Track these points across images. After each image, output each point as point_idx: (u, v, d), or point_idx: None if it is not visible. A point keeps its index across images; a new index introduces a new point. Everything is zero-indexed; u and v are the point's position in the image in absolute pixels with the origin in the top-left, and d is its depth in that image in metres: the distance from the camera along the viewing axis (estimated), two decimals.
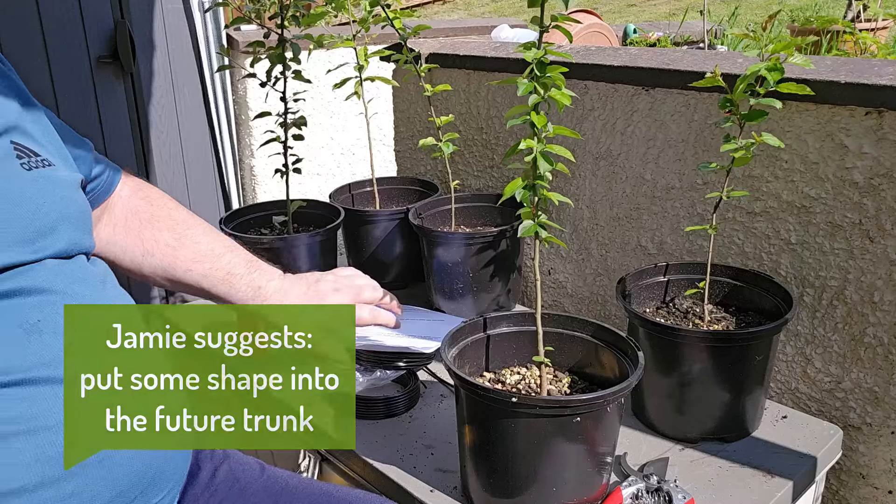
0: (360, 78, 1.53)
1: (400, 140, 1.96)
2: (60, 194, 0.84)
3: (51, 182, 0.83)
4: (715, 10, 6.76)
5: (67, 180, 0.88)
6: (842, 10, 4.57)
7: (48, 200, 0.81)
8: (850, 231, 1.15)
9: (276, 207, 1.65)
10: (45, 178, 0.82)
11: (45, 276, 0.79)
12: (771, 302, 1.16)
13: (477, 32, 2.82)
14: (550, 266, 1.63)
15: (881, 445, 1.18)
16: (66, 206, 0.85)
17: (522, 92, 0.87)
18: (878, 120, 1.08)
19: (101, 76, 2.31)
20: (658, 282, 1.24)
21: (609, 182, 1.46)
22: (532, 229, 0.93)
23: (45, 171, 0.83)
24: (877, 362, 1.16)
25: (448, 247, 1.46)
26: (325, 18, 1.47)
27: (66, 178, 0.87)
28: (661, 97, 1.34)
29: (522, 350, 1.08)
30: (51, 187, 0.83)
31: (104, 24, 2.29)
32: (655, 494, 0.99)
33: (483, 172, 1.75)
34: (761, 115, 1.01)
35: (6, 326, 0.74)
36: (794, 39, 1.03)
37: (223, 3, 1.54)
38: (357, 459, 1.12)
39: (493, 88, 1.64)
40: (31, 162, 0.82)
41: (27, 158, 0.82)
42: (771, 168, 1.22)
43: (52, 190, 0.83)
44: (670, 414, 1.13)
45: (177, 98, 2.51)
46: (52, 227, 0.81)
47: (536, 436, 0.91)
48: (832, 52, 3.25)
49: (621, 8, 9.61)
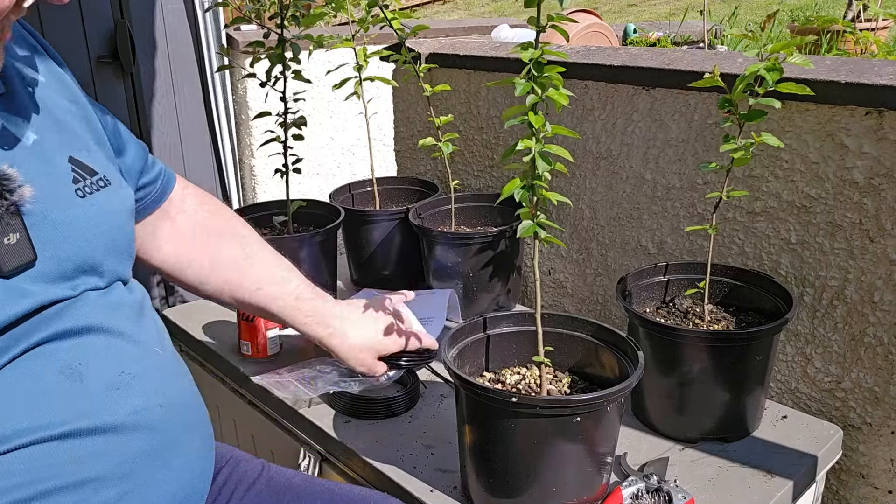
0: (360, 78, 1.53)
1: (400, 140, 1.96)
2: (111, 223, 0.81)
3: (103, 211, 0.79)
4: (715, 10, 6.76)
5: (121, 205, 0.84)
6: (842, 10, 4.57)
7: (98, 233, 0.78)
8: (850, 231, 1.15)
9: (276, 207, 1.65)
10: (99, 207, 0.78)
11: (85, 313, 0.75)
12: (771, 302, 1.16)
13: (477, 32, 2.82)
14: (550, 266, 1.63)
15: (881, 445, 1.18)
16: (115, 238, 0.81)
17: (520, 92, 0.87)
18: (878, 120, 1.08)
19: (101, 76, 2.31)
20: (658, 282, 1.24)
21: (609, 182, 1.46)
22: (531, 229, 0.93)
23: (101, 194, 0.79)
24: (877, 362, 1.16)
25: (448, 247, 1.46)
26: (325, 19, 1.47)
27: (120, 202, 0.84)
28: (661, 97, 1.34)
29: (522, 350, 1.08)
30: (103, 218, 0.79)
31: (104, 24, 2.29)
32: (655, 494, 0.99)
33: (483, 172, 1.75)
34: (761, 115, 1.01)
35: (48, 373, 0.71)
36: (794, 39, 1.03)
37: (223, 3, 1.54)
38: (357, 459, 1.12)
39: (494, 88, 1.64)
40: (87, 185, 0.78)
41: (83, 181, 0.78)
42: (771, 168, 1.22)
43: (103, 220, 0.79)
44: (670, 414, 1.13)
45: (177, 98, 2.51)
46: (98, 263, 0.78)
47: (536, 436, 0.91)
48: (832, 51, 3.25)
49: (621, 8, 9.61)
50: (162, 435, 0.78)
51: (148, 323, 0.85)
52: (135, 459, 0.75)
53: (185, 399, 0.86)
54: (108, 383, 0.75)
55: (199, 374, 1.51)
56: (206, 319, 1.57)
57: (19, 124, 0.75)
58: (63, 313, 0.73)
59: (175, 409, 0.81)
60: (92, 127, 0.86)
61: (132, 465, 0.74)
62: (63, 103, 0.83)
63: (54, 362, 0.71)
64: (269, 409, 1.32)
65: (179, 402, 0.83)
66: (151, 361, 0.82)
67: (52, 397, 0.70)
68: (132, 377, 0.77)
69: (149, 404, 0.78)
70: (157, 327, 0.87)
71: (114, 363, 0.76)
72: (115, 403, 0.75)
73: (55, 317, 0.72)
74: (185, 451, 0.82)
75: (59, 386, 0.71)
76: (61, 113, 0.81)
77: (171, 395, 0.82)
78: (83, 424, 0.71)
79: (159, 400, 0.79)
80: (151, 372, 0.80)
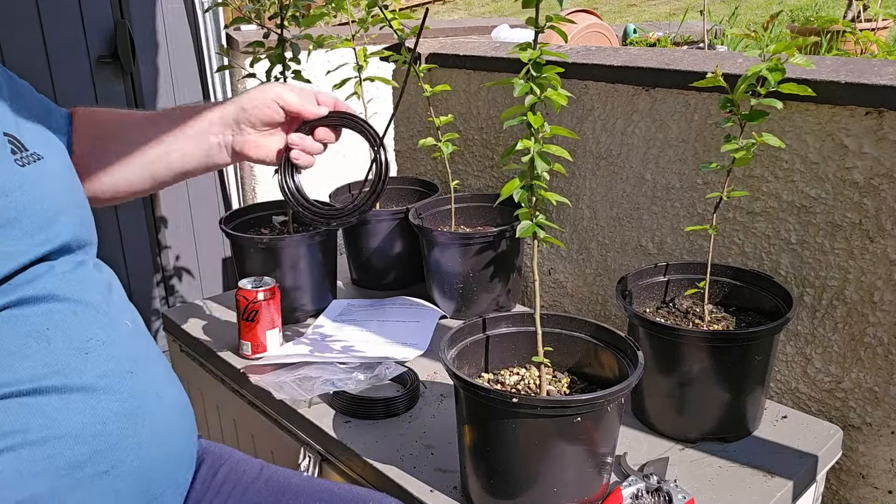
0: (360, 78, 1.53)
1: (400, 140, 1.96)
2: (56, 185, 0.84)
3: (45, 176, 0.83)
4: (715, 10, 6.76)
5: (59, 170, 0.87)
6: (842, 10, 4.57)
7: (47, 193, 0.81)
8: (850, 231, 1.15)
9: (276, 207, 1.65)
10: (39, 173, 0.82)
11: (54, 284, 0.78)
12: (771, 302, 1.16)
13: (477, 32, 2.82)
14: (550, 266, 1.63)
15: (881, 445, 1.18)
16: (63, 197, 0.85)
17: (518, 93, 0.87)
18: (878, 120, 1.08)
19: (101, 76, 2.31)
20: (658, 282, 1.24)
21: (609, 182, 1.46)
22: (530, 230, 0.93)
23: (37, 165, 0.82)
24: (877, 362, 1.16)
25: (448, 247, 1.46)
26: (325, 19, 1.47)
27: (58, 169, 0.87)
28: (661, 97, 1.33)
29: (522, 350, 1.08)
30: (46, 180, 0.82)
31: (104, 24, 2.29)
32: (655, 494, 0.99)
33: (483, 172, 1.75)
34: (762, 116, 1.01)
35: (16, 336, 0.74)
36: (796, 39, 1.03)
37: (223, 3, 1.54)
38: (357, 459, 1.12)
39: (494, 88, 1.64)
40: (24, 157, 0.81)
41: (20, 154, 0.81)
42: (771, 168, 1.22)
43: (47, 182, 0.82)
44: (670, 414, 1.13)
45: (177, 98, 2.51)
46: (53, 219, 0.81)
47: (536, 436, 0.90)
48: (832, 52, 3.25)
49: (621, 8, 9.61)
50: (133, 401, 0.79)
51: (117, 300, 0.88)
52: (106, 420, 0.76)
53: (161, 376, 0.87)
54: (77, 348, 0.77)
55: (199, 374, 1.51)
56: (206, 319, 1.57)
57: None
58: (31, 283, 0.76)
59: (147, 380, 0.83)
60: (24, 105, 0.88)
61: (104, 425, 0.76)
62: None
63: (22, 326, 0.74)
64: (269, 409, 1.32)
65: (153, 376, 0.85)
66: (121, 331, 0.84)
67: (21, 358, 0.73)
68: (101, 343, 0.79)
69: (118, 369, 0.80)
70: (128, 308, 0.90)
71: (81, 329, 0.79)
72: (83, 365, 0.76)
73: (24, 285, 0.75)
74: (159, 423, 0.82)
75: (27, 347, 0.73)
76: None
77: (143, 367, 0.84)
78: (53, 382, 0.73)
79: (129, 367, 0.81)
80: (121, 340, 0.82)
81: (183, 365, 1.57)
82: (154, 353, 0.89)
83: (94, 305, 0.82)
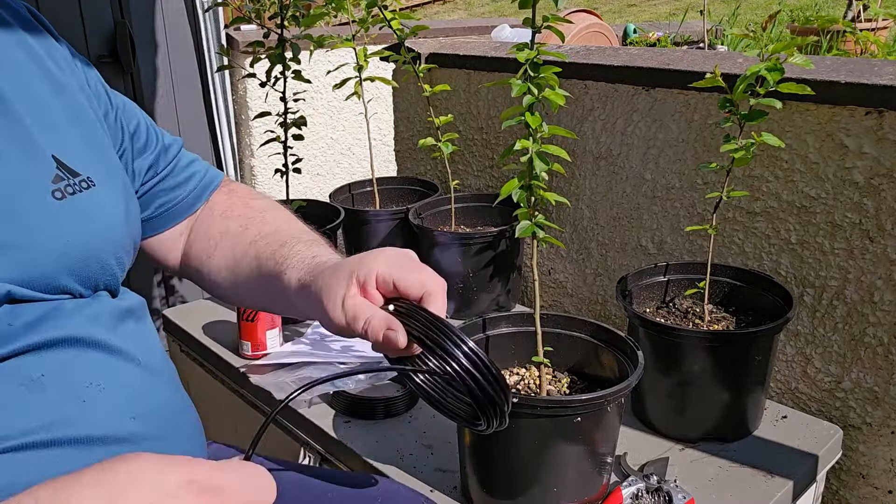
0: (360, 78, 1.54)
1: (400, 140, 1.96)
2: (92, 228, 0.74)
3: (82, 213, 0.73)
4: (715, 10, 6.76)
5: (105, 208, 0.77)
6: (842, 10, 4.57)
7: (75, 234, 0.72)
8: (850, 231, 1.15)
9: None
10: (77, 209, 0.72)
11: (57, 324, 0.70)
12: (771, 302, 1.16)
13: (477, 32, 2.82)
14: (550, 266, 1.63)
15: (881, 445, 1.18)
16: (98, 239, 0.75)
17: (516, 93, 0.87)
18: (878, 120, 1.08)
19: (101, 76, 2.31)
20: (658, 282, 1.24)
21: (609, 182, 1.46)
22: (529, 230, 0.93)
23: (81, 196, 0.73)
24: (877, 362, 1.16)
25: (448, 247, 1.46)
26: (325, 19, 1.47)
27: (104, 206, 0.77)
28: (661, 97, 1.33)
29: (522, 350, 1.08)
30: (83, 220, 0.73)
31: (104, 24, 2.29)
32: (655, 494, 0.99)
33: (483, 172, 1.75)
34: (761, 116, 1.01)
35: (6, 385, 0.66)
36: (795, 39, 1.03)
37: (223, 3, 1.54)
38: (357, 459, 1.12)
39: (493, 88, 1.64)
40: (67, 186, 0.72)
41: (64, 181, 0.72)
42: (771, 168, 1.22)
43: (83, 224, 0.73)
44: (670, 414, 1.13)
45: (177, 98, 2.51)
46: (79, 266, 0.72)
47: (536, 436, 0.90)
48: (832, 51, 3.25)
49: (621, 8, 9.61)
50: (134, 446, 0.73)
51: (129, 330, 0.79)
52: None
53: (168, 410, 0.80)
54: (74, 395, 0.70)
55: (199, 374, 1.51)
56: (206, 319, 1.57)
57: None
58: (38, 324, 0.69)
59: (152, 421, 0.76)
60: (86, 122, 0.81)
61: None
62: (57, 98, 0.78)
63: (15, 377, 0.67)
64: (269, 409, 1.32)
65: (159, 413, 0.78)
66: (127, 371, 0.76)
67: (9, 410, 0.66)
68: (100, 389, 0.72)
69: (119, 415, 0.73)
70: (141, 333, 0.81)
71: (81, 374, 0.72)
72: (79, 415, 0.70)
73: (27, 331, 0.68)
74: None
75: (18, 399, 0.67)
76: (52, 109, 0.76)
77: (149, 406, 0.77)
78: (42, 437, 0.67)
79: (132, 411, 0.74)
80: (126, 382, 0.75)
81: (183, 365, 1.57)
82: (165, 383, 0.81)
83: (102, 345, 0.74)
